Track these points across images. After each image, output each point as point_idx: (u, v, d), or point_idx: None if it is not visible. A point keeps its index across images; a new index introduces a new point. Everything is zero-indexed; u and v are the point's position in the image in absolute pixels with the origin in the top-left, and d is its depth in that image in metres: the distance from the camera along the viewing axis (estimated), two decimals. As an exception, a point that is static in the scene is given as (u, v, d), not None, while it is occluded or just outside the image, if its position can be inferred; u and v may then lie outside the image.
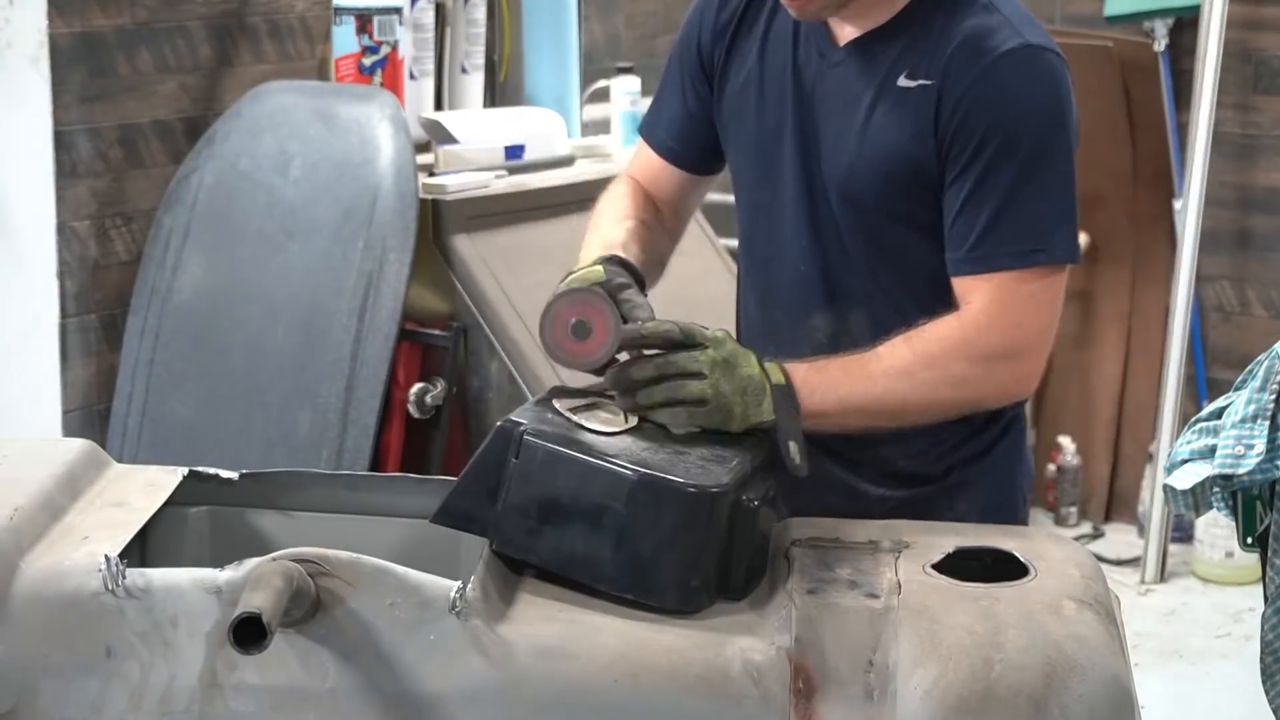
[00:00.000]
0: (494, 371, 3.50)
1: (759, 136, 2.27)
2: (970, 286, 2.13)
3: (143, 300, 3.59)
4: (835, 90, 2.20)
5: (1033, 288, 2.12)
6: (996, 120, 2.10)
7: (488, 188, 3.63)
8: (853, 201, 2.19)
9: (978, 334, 2.10)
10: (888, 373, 2.08)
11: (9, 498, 1.87)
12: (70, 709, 1.77)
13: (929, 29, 2.15)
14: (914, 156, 2.14)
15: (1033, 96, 2.12)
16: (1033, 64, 2.12)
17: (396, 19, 3.84)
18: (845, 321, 2.23)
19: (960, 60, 2.12)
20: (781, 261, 2.27)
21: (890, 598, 1.82)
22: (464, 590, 1.75)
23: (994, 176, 2.10)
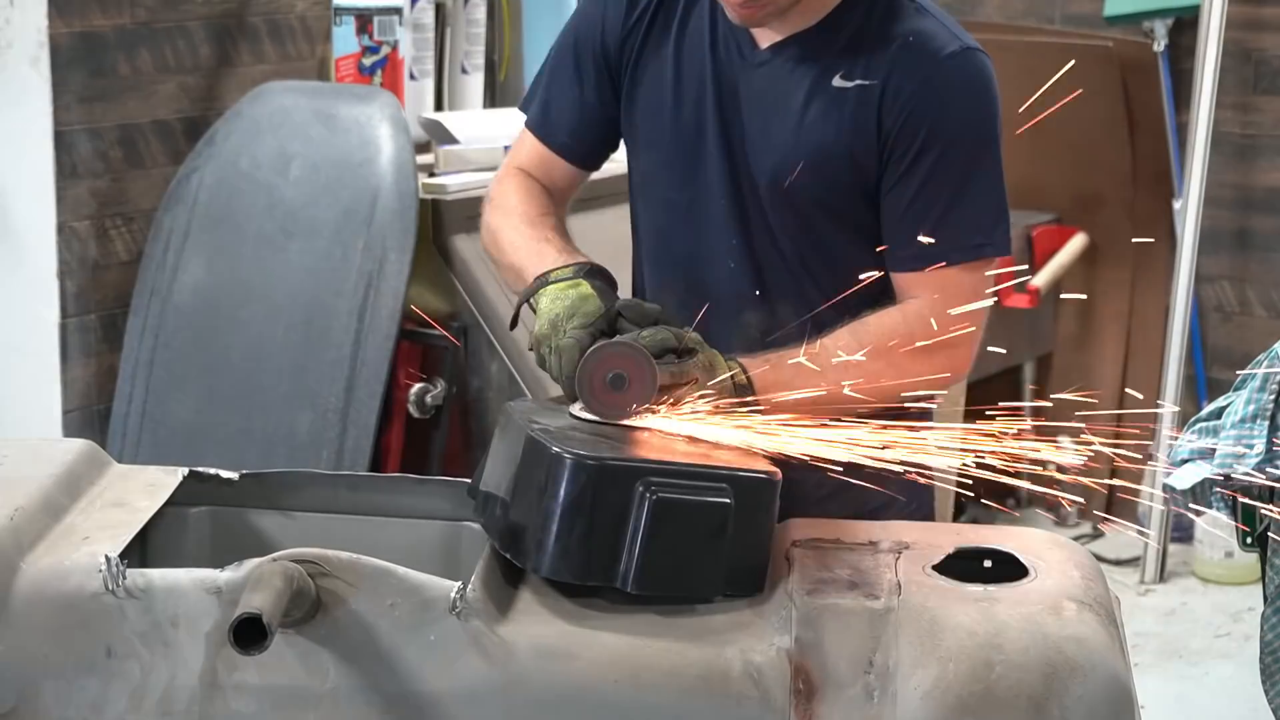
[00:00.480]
0: (494, 371, 3.50)
1: (677, 136, 2.29)
2: (915, 281, 2.19)
3: (143, 300, 3.59)
4: (762, 89, 2.24)
5: (973, 279, 2.19)
6: (942, 121, 2.17)
7: (487, 188, 3.63)
8: (784, 198, 2.22)
9: (922, 325, 2.15)
10: (837, 367, 2.11)
11: (9, 498, 1.87)
12: (70, 709, 1.77)
13: (863, 31, 2.20)
14: (851, 154, 2.19)
15: (974, 98, 2.20)
16: (972, 66, 2.20)
17: (396, 19, 3.85)
18: (776, 317, 2.25)
19: (904, 62, 2.18)
20: (708, 260, 2.29)
21: (890, 598, 1.82)
22: (464, 590, 1.75)
23: (940, 175, 2.18)
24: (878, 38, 2.20)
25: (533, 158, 2.42)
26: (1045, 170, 5.03)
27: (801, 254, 2.25)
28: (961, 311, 2.16)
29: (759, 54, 2.25)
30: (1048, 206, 5.02)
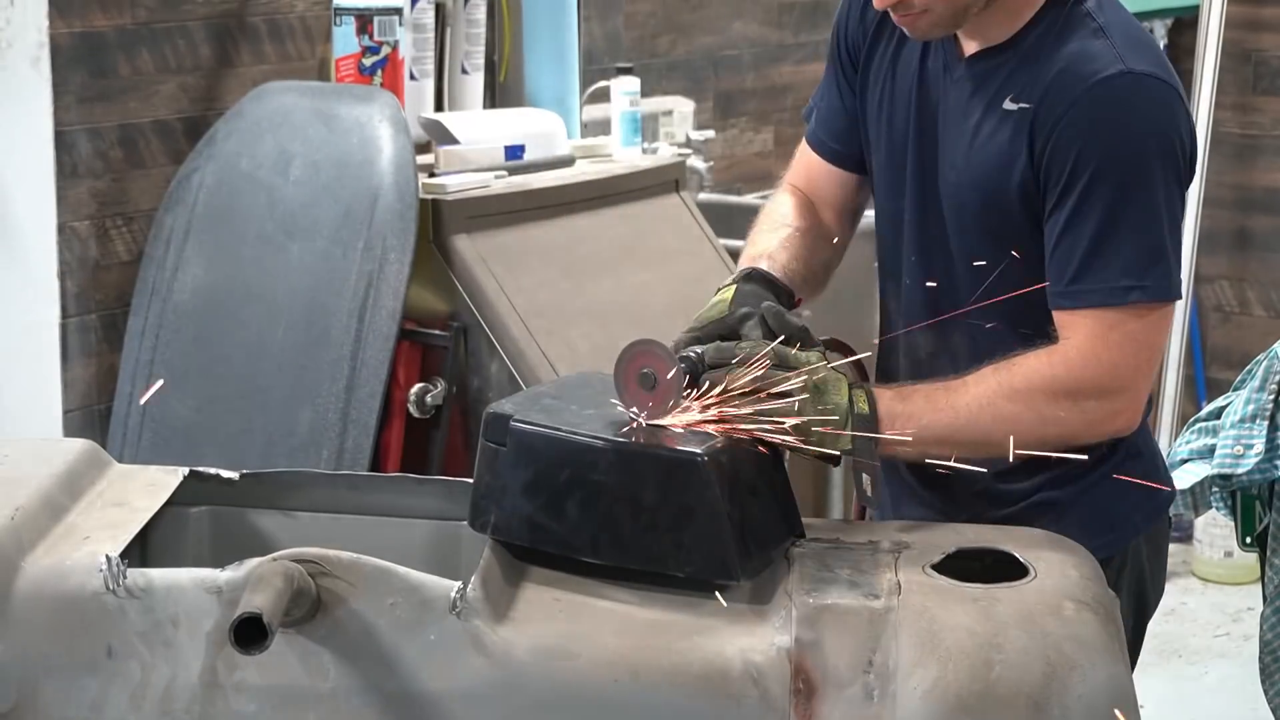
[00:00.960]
0: (494, 371, 3.49)
1: (889, 143, 2.24)
2: (1067, 321, 2.07)
3: (143, 300, 3.59)
4: (953, 105, 2.17)
5: (1130, 327, 2.05)
6: (1089, 149, 2.03)
7: (488, 188, 3.63)
8: (958, 219, 2.16)
9: (1067, 371, 2.04)
10: (970, 405, 2.03)
11: (10, 498, 1.88)
12: (71, 709, 1.78)
13: (1039, 50, 2.10)
14: (1011, 179, 2.09)
15: (1128, 125, 2.04)
16: (1132, 91, 2.05)
17: (396, 19, 3.84)
18: (946, 341, 2.19)
19: (1058, 85, 2.06)
20: (893, 275, 2.25)
21: (890, 598, 1.82)
22: (464, 590, 1.75)
23: (1088, 208, 2.04)
24: (1046, 58, 2.09)
25: (802, 168, 2.37)
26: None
27: (972, 279, 2.15)
28: (1115, 360, 2.04)
29: (959, 66, 2.17)
30: (1047, 206, 5.01)
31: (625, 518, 1.85)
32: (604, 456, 1.86)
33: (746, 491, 1.89)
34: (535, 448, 1.88)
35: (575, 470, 1.87)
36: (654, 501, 1.84)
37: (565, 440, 1.88)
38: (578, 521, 1.86)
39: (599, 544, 1.85)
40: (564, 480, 1.87)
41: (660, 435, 1.90)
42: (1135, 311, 2.04)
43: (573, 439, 1.88)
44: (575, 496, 1.86)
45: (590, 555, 1.85)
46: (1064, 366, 2.04)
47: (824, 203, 2.35)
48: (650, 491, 1.85)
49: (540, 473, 1.88)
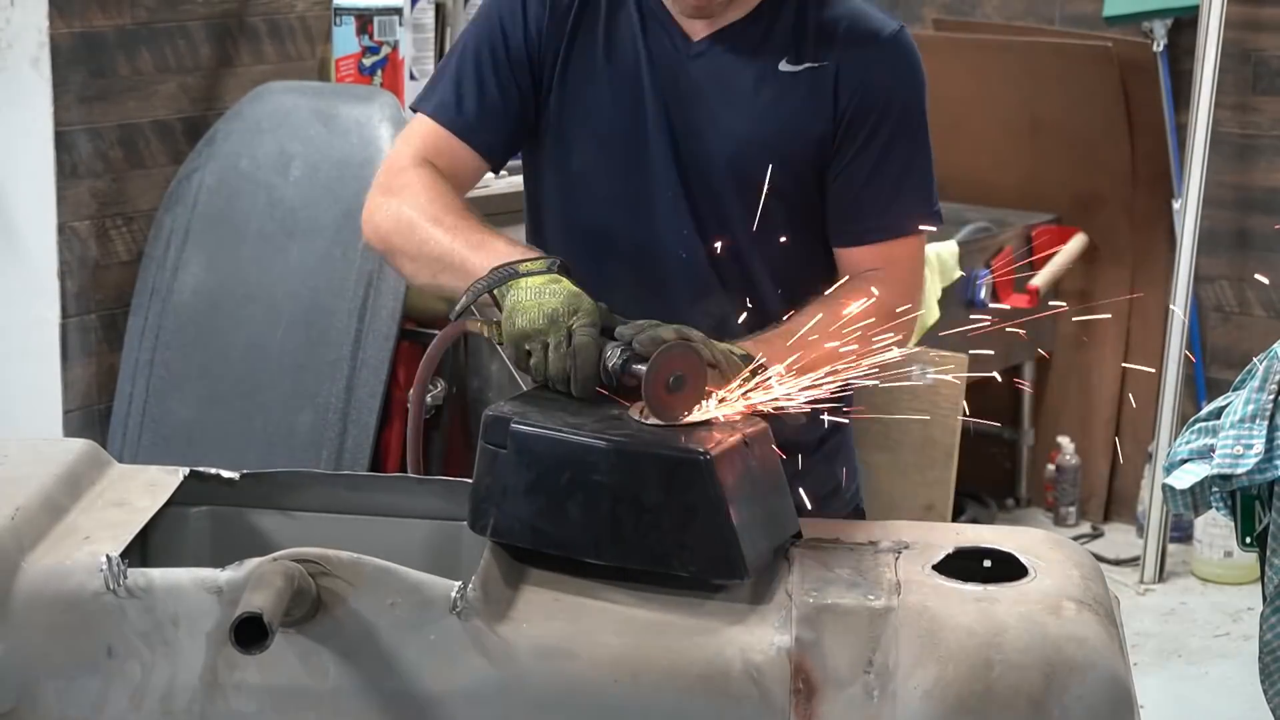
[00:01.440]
0: (494, 371, 3.50)
1: (616, 129, 2.29)
2: (864, 255, 2.27)
3: (143, 300, 3.59)
4: (703, 80, 2.27)
5: (919, 246, 2.32)
6: (893, 98, 2.25)
7: (488, 188, 3.63)
8: (741, 184, 2.25)
9: (890, 295, 2.18)
10: (822, 341, 2.09)
11: (10, 497, 1.88)
12: (71, 709, 1.78)
13: (801, 17, 2.26)
14: (810, 136, 2.25)
15: (916, 73, 2.29)
16: (908, 44, 2.29)
17: (396, 19, 3.85)
18: (732, 304, 2.24)
19: (854, 43, 2.25)
20: (658, 252, 2.30)
21: (890, 598, 1.82)
22: (464, 590, 1.76)
23: (894, 150, 2.26)
24: (818, 21, 2.26)
25: (436, 146, 2.32)
26: (1045, 170, 5.03)
27: (754, 240, 2.27)
28: (917, 278, 2.29)
29: (693, 45, 2.28)
30: (1047, 206, 5.02)
31: (628, 518, 1.85)
32: (605, 457, 1.86)
33: (748, 488, 1.89)
34: (535, 449, 1.88)
35: (576, 471, 1.86)
36: (657, 501, 1.84)
37: (566, 441, 1.88)
38: (580, 523, 1.86)
39: (601, 545, 1.85)
40: (565, 481, 1.86)
41: (660, 434, 1.90)
42: (921, 236, 2.32)
43: (573, 440, 1.88)
44: (577, 498, 1.86)
45: (593, 556, 1.85)
46: (886, 291, 2.17)
47: (457, 183, 2.33)
48: (653, 491, 1.84)
49: (541, 474, 1.87)
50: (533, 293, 2.02)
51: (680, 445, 1.86)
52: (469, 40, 2.35)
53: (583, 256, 2.28)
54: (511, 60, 2.31)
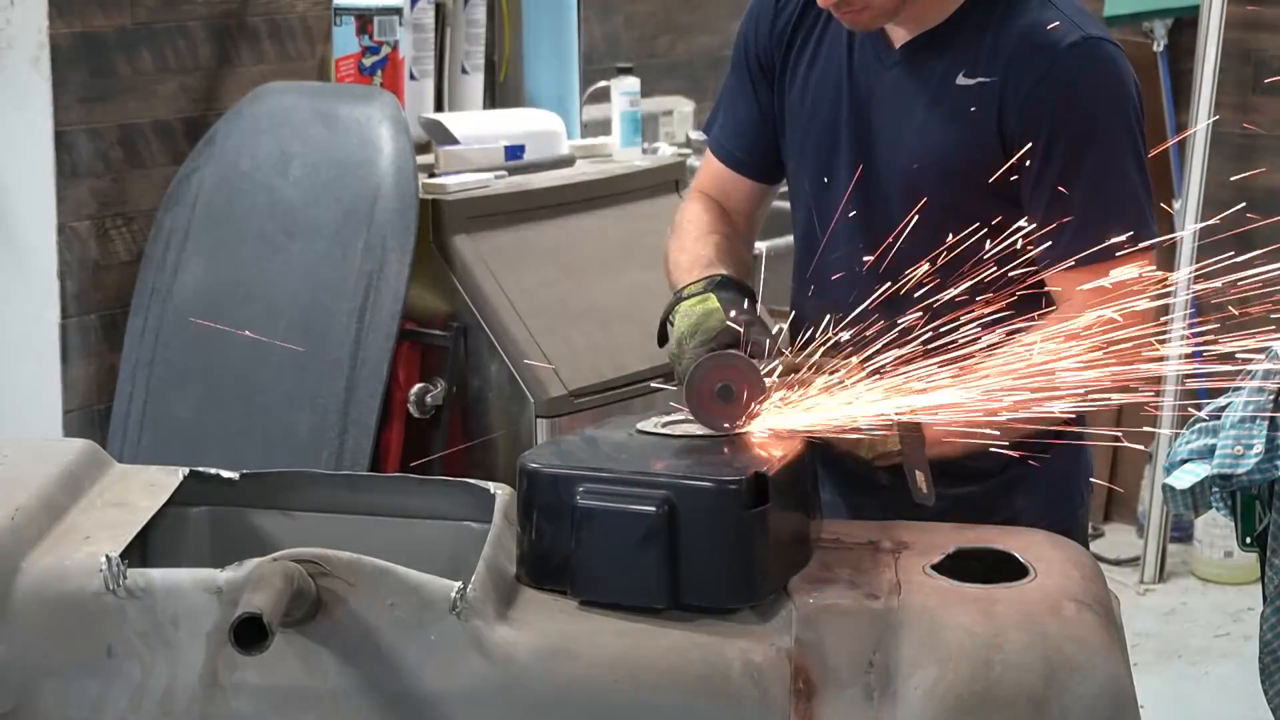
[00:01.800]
0: (494, 371, 3.50)
1: (815, 139, 2.28)
2: (1064, 281, 2.12)
3: (143, 300, 3.59)
4: (892, 92, 2.22)
5: (1133, 271, 2.13)
6: (1066, 116, 2.11)
7: (488, 188, 3.63)
8: (913, 202, 2.18)
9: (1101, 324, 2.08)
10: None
11: (10, 498, 1.88)
12: (71, 709, 1.78)
13: (985, 27, 2.16)
14: (977, 155, 2.15)
15: (1098, 88, 2.13)
16: (1094, 56, 2.14)
17: (396, 19, 3.84)
18: (897, 318, 2.18)
19: (1023, 56, 2.13)
20: (837, 265, 2.27)
21: (890, 598, 1.82)
22: (464, 590, 1.75)
23: (1072, 171, 2.11)
24: (999, 32, 2.15)
25: (710, 176, 2.43)
26: (1045, 170, 5.03)
27: (929, 259, 2.17)
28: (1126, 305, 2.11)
29: (892, 55, 2.23)
30: (1047, 206, 5.01)
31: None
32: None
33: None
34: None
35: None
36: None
37: (571, 475, 1.86)
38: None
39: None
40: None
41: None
42: (1135, 257, 2.13)
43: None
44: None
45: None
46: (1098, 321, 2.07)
47: (734, 209, 2.41)
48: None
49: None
50: (680, 316, 2.12)
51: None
52: (732, 61, 2.39)
53: (797, 263, 2.36)
54: (754, 79, 2.34)
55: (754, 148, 2.38)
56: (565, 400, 3.43)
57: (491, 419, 3.51)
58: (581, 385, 3.42)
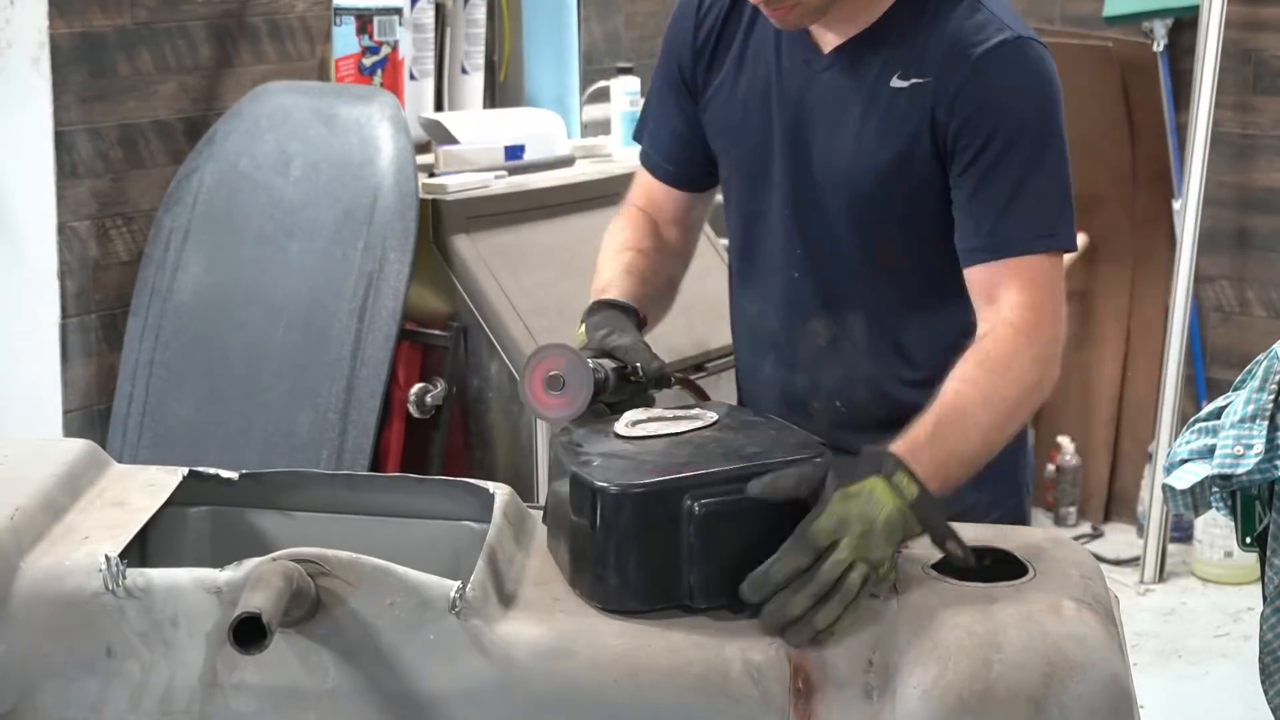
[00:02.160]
0: (494, 371, 3.50)
1: (745, 145, 2.27)
2: (991, 278, 2.13)
3: (143, 300, 3.59)
4: (825, 96, 2.21)
5: (1052, 274, 2.15)
6: (994, 114, 2.12)
7: (488, 188, 3.63)
8: (852, 206, 2.19)
9: (1036, 330, 2.11)
10: (985, 411, 2.04)
11: (9, 498, 1.88)
12: (71, 709, 1.78)
13: (916, 29, 2.17)
14: (912, 156, 2.16)
15: (1025, 87, 2.14)
16: (1022, 56, 2.14)
17: (396, 19, 3.84)
18: (843, 325, 2.23)
19: (951, 57, 2.14)
20: (775, 270, 2.27)
21: (890, 598, 1.82)
22: (464, 590, 1.75)
23: (999, 168, 2.12)
24: (928, 34, 2.16)
25: (641, 189, 2.42)
26: (1045, 170, 5.03)
27: (867, 262, 2.21)
28: (1055, 308, 2.14)
29: (822, 59, 2.22)
30: (1047, 206, 5.01)
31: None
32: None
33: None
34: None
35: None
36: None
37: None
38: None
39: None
40: None
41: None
42: (1053, 260, 2.15)
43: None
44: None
45: None
46: (1031, 327, 2.10)
47: (666, 220, 2.40)
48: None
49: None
50: None
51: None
52: (655, 72, 2.39)
53: (739, 271, 2.36)
54: (678, 84, 2.33)
55: (680, 158, 2.37)
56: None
57: (491, 419, 3.51)
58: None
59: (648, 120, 2.41)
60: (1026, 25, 2.19)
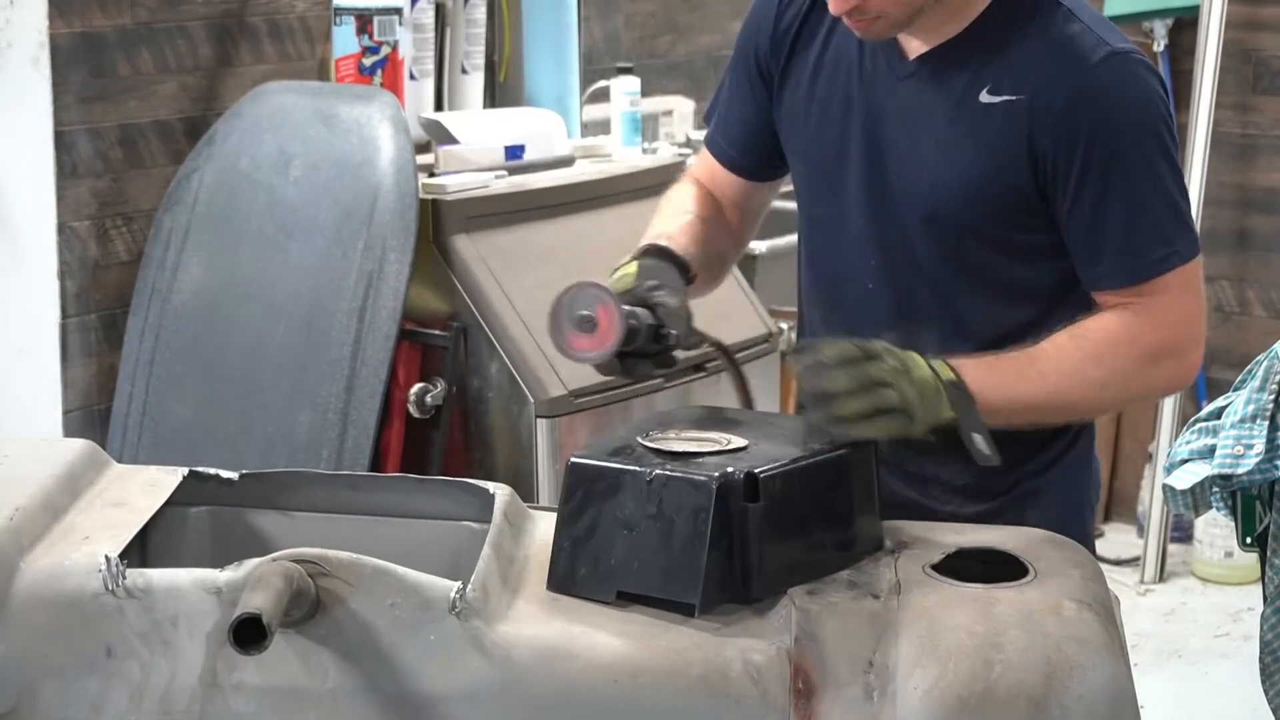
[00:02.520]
0: (494, 371, 3.50)
1: (820, 148, 2.22)
2: (1113, 298, 2.10)
3: (143, 300, 3.59)
4: (907, 105, 2.15)
5: (1178, 284, 2.10)
6: (1100, 134, 2.06)
7: (488, 188, 3.63)
8: (934, 223, 2.14)
9: (1142, 333, 2.08)
10: (1059, 371, 2.06)
11: (9, 498, 1.88)
12: (71, 709, 1.78)
13: (1007, 40, 2.10)
14: (1004, 176, 2.10)
15: (1130, 104, 2.08)
16: (1124, 70, 2.08)
17: (396, 19, 3.84)
18: (917, 339, 2.14)
19: (1051, 74, 2.07)
20: (847, 278, 2.23)
21: (890, 598, 1.82)
22: (464, 590, 1.75)
23: (1110, 190, 2.07)
24: (1022, 47, 2.09)
25: (704, 169, 2.40)
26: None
27: (946, 278, 2.16)
28: (1175, 319, 2.10)
29: (906, 65, 2.15)
30: (1047, 206, 5.01)
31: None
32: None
33: (780, 519, 1.85)
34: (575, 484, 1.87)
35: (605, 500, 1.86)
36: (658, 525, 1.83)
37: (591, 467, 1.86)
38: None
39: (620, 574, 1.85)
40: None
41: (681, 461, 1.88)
42: (1177, 273, 2.09)
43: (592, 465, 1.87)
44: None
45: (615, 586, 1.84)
46: (1138, 329, 2.08)
47: (725, 201, 2.38)
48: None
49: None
50: (611, 280, 2.14)
51: (695, 469, 1.84)
52: (732, 57, 2.35)
53: (803, 271, 2.33)
54: (753, 74, 2.30)
55: (749, 148, 2.34)
56: (565, 400, 3.43)
57: (491, 419, 3.51)
58: (581, 385, 3.42)
59: (719, 104, 2.37)
60: (1124, 36, 2.13)
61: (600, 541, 1.84)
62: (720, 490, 1.80)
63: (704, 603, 1.79)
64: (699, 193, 2.35)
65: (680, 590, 1.80)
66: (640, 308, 2.07)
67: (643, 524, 1.82)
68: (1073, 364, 2.06)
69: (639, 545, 1.82)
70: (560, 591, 1.84)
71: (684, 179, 2.40)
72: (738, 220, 2.38)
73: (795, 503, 1.85)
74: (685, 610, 1.80)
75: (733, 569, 1.81)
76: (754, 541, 1.81)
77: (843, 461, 1.90)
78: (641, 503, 1.82)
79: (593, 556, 1.84)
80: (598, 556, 1.83)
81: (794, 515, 1.85)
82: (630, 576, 1.82)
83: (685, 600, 1.80)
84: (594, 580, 1.83)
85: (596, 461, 1.87)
